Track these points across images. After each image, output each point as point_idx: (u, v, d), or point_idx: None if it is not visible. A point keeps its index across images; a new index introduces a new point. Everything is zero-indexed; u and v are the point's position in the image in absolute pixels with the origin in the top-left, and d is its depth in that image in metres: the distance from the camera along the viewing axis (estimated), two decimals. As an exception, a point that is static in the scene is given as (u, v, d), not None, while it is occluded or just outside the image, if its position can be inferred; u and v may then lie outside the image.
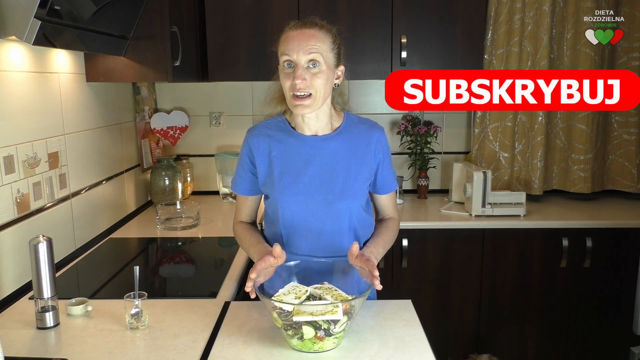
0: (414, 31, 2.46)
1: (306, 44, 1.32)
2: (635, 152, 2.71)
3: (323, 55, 1.34)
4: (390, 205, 1.58)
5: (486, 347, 2.50)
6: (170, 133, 2.84)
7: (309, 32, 1.34)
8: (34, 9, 1.35)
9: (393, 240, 1.53)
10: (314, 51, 1.32)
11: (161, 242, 2.24)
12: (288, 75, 1.34)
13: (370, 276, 1.24)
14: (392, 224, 1.55)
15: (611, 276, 2.44)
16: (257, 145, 1.47)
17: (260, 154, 1.47)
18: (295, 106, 1.35)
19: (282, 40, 1.37)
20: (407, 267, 2.42)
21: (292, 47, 1.33)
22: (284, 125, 1.48)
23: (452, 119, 2.91)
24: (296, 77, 1.32)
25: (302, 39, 1.33)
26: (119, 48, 2.01)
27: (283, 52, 1.35)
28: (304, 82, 1.32)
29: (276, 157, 1.45)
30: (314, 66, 1.34)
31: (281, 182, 1.45)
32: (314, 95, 1.34)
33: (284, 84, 1.36)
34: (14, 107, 1.62)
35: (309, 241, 1.47)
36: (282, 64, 1.36)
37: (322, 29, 1.37)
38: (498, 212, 2.45)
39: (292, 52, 1.33)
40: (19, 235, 1.62)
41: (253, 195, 1.55)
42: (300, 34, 1.34)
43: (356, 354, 1.21)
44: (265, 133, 1.48)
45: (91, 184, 2.13)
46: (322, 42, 1.35)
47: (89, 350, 1.25)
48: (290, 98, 1.36)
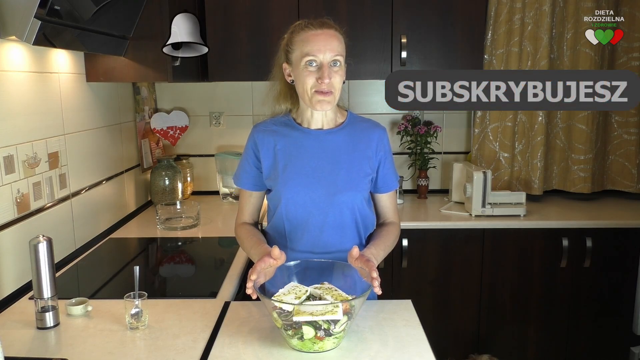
0: (414, 31, 2.46)
1: (331, 45, 1.39)
2: (635, 152, 2.71)
3: (342, 56, 1.42)
4: (391, 208, 1.58)
5: (486, 347, 2.50)
6: (170, 133, 2.84)
7: (330, 33, 1.42)
8: (34, 9, 1.35)
9: (394, 244, 1.53)
10: (338, 52, 1.40)
11: (161, 242, 2.24)
12: (311, 73, 1.39)
13: (369, 277, 1.25)
14: (393, 228, 1.55)
15: (611, 276, 2.44)
16: (262, 139, 1.51)
17: (265, 147, 1.50)
18: (319, 102, 1.40)
19: (302, 40, 1.41)
20: (407, 267, 2.42)
21: (317, 47, 1.38)
22: (289, 122, 1.52)
23: (452, 119, 2.91)
24: (325, 77, 1.37)
25: (326, 40, 1.39)
26: (119, 48, 2.01)
27: (307, 52, 1.39)
28: (329, 80, 1.38)
29: (280, 151, 1.49)
30: (335, 65, 1.40)
31: (284, 174, 1.47)
32: (334, 93, 1.41)
33: (306, 82, 1.40)
34: (14, 107, 1.62)
35: (311, 235, 1.48)
36: (303, 63, 1.40)
37: (338, 30, 1.45)
38: (498, 212, 2.45)
39: (317, 53, 1.38)
40: (19, 235, 1.62)
41: (256, 191, 1.56)
42: (323, 34, 1.40)
43: (356, 354, 1.21)
44: (270, 128, 1.52)
45: (91, 184, 2.13)
46: (341, 43, 1.43)
47: (89, 350, 1.25)
48: (312, 95, 1.40)
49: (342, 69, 1.42)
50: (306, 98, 1.42)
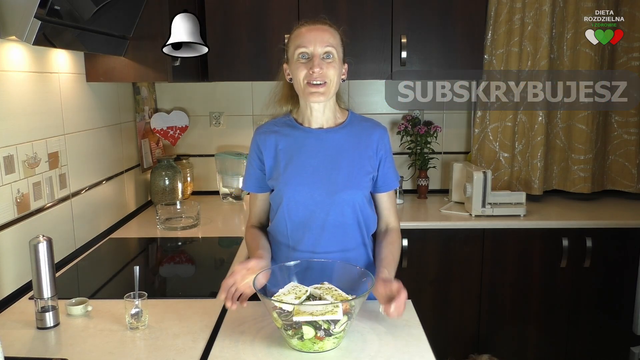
0: (414, 31, 2.46)
1: (322, 37, 1.42)
2: (635, 152, 2.71)
3: (335, 49, 1.44)
4: (392, 210, 1.58)
5: (486, 347, 2.50)
6: (170, 133, 2.84)
7: (322, 27, 1.45)
8: (34, 9, 1.35)
9: (399, 253, 1.54)
10: (329, 44, 1.42)
11: (161, 242, 2.24)
12: (303, 65, 1.42)
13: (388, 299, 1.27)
14: (396, 238, 1.55)
15: (611, 276, 2.44)
16: (264, 141, 1.52)
17: (267, 149, 1.52)
18: (311, 93, 1.42)
19: (295, 36, 1.45)
20: (407, 267, 2.42)
21: (308, 39, 1.42)
22: (290, 122, 1.54)
23: (452, 119, 2.91)
24: (314, 67, 1.40)
25: (317, 33, 1.43)
26: (119, 48, 2.01)
27: (298, 45, 1.42)
28: (321, 71, 1.40)
29: (282, 150, 1.50)
30: (328, 57, 1.43)
31: (285, 173, 1.48)
32: (328, 84, 1.42)
33: (298, 74, 1.42)
34: (14, 107, 1.62)
35: (312, 234, 1.49)
36: (296, 56, 1.42)
37: (332, 27, 1.48)
38: (498, 212, 2.45)
39: (308, 44, 1.41)
40: (19, 235, 1.62)
41: (262, 193, 1.58)
42: (314, 29, 1.44)
43: (356, 354, 1.21)
44: (271, 129, 1.54)
45: (91, 184, 2.13)
46: (334, 37, 1.45)
47: (89, 350, 1.25)
48: (304, 87, 1.42)
49: (337, 62, 1.43)
50: (300, 91, 1.45)
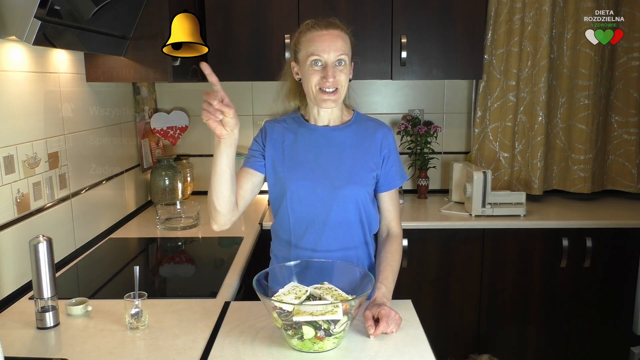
0: (414, 31, 2.46)
1: (335, 45, 1.42)
2: (635, 152, 2.71)
3: (347, 55, 1.45)
4: (394, 212, 1.57)
5: (486, 347, 2.50)
6: (170, 133, 2.84)
7: (335, 33, 1.44)
8: (34, 9, 1.35)
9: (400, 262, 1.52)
10: (343, 52, 1.43)
11: (161, 242, 2.24)
12: (316, 72, 1.43)
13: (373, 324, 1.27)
14: (397, 247, 1.53)
15: (611, 276, 2.44)
16: (271, 131, 1.55)
17: (273, 139, 1.54)
18: (324, 100, 1.44)
19: (308, 40, 1.44)
20: (407, 267, 2.42)
21: (322, 48, 1.41)
22: (298, 118, 1.57)
23: (452, 119, 2.91)
24: (329, 76, 1.41)
25: (331, 40, 1.42)
26: (119, 48, 2.01)
27: (312, 52, 1.42)
28: (334, 80, 1.42)
29: (288, 146, 1.52)
30: (340, 64, 1.43)
31: (290, 168, 1.50)
32: (339, 90, 1.44)
33: (311, 80, 1.43)
34: (14, 107, 1.62)
35: (314, 230, 1.49)
36: (309, 62, 1.43)
37: (344, 30, 1.47)
38: (498, 212, 2.45)
39: (322, 53, 1.41)
40: (19, 235, 1.62)
41: (252, 170, 1.51)
42: (328, 35, 1.43)
43: (356, 354, 1.21)
44: (281, 124, 1.57)
45: (91, 184, 2.13)
46: (346, 43, 1.46)
47: (89, 350, 1.25)
48: (317, 93, 1.44)
49: (347, 68, 1.46)
50: (312, 96, 1.46)
